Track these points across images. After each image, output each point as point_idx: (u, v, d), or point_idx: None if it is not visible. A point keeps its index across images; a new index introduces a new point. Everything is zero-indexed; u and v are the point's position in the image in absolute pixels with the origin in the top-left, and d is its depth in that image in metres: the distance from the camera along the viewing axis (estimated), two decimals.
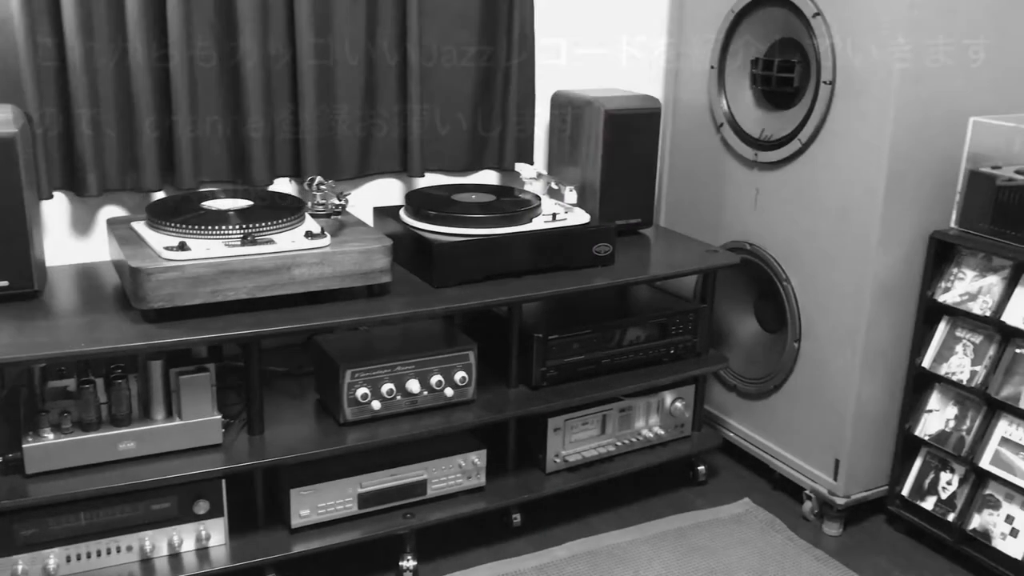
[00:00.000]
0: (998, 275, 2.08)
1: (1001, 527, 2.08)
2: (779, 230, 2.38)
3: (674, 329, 2.38)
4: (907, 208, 2.14)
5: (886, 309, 2.20)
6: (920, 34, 2.01)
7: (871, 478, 2.34)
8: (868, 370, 2.23)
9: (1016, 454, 2.04)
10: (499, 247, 2.12)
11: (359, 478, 2.02)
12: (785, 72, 2.28)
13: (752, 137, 2.41)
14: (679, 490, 2.51)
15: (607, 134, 2.37)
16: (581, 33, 2.64)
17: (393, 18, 2.32)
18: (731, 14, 2.41)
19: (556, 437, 2.26)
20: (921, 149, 2.11)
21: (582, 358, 2.25)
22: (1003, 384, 2.05)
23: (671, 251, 2.44)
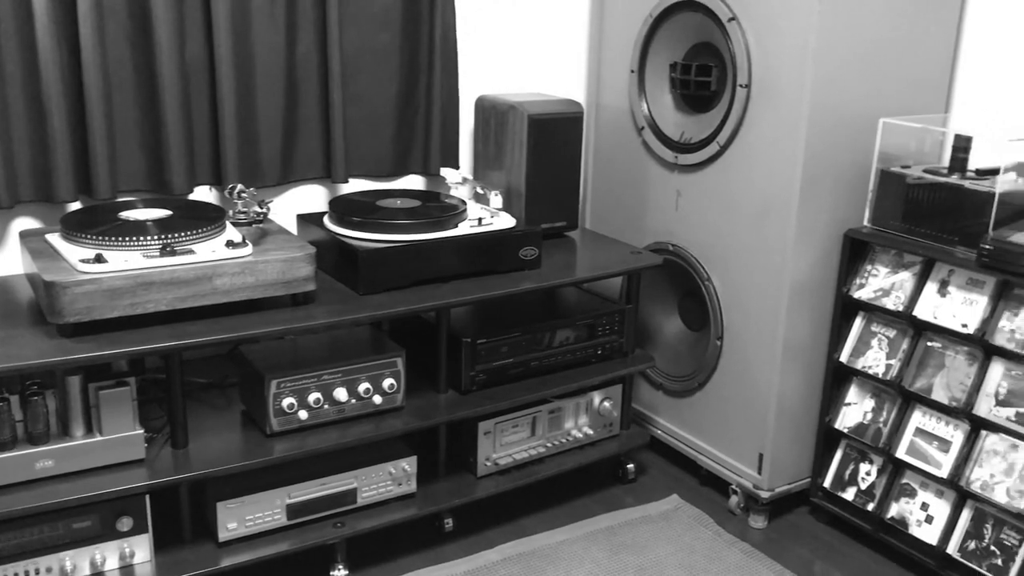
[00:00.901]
0: (909, 271, 2.15)
1: (917, 514, 2.15)
2: (700, 231, 2.42)
3: (601, 330, 2.41)
4: (822, 207, 2.20)
5: (804, 306, 2.26)
6: (831, 38, 2.07)
7: (794, 471, 2.40)
8: (788, 365, 2.28)
9: (930, 444, 2.11)
10: (425, 253, 2.12)
11: (287, 489, 2.00)
12: (703, 76, 2.33)
13: (672, 140, 2.45)
14: (609, 488, 2.54)
15: (531, 138, 2.38)
16: (504, 37, 2.65)
17: (313, 22, 2.30)
18: (650, 19, 2.45)
19: (487, 440, 2.27)
20: (834, 150, 2.17)
21: (511, 361, 2.26)
22: (916, 376, 2.13)
23: (596, 253, 2.47)
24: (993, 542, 2.01)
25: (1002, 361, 1.99)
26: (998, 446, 1.99)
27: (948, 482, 2.07)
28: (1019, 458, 1.96)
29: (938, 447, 2.10)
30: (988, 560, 2.01)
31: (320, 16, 2.29)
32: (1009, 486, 1.96)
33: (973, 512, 2.06)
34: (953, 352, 2.07)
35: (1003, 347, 1.96)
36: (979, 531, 2.04)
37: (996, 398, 1.98)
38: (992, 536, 2.01)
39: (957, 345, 2.06)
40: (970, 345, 2.04)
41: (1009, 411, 1.96)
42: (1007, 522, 1.99)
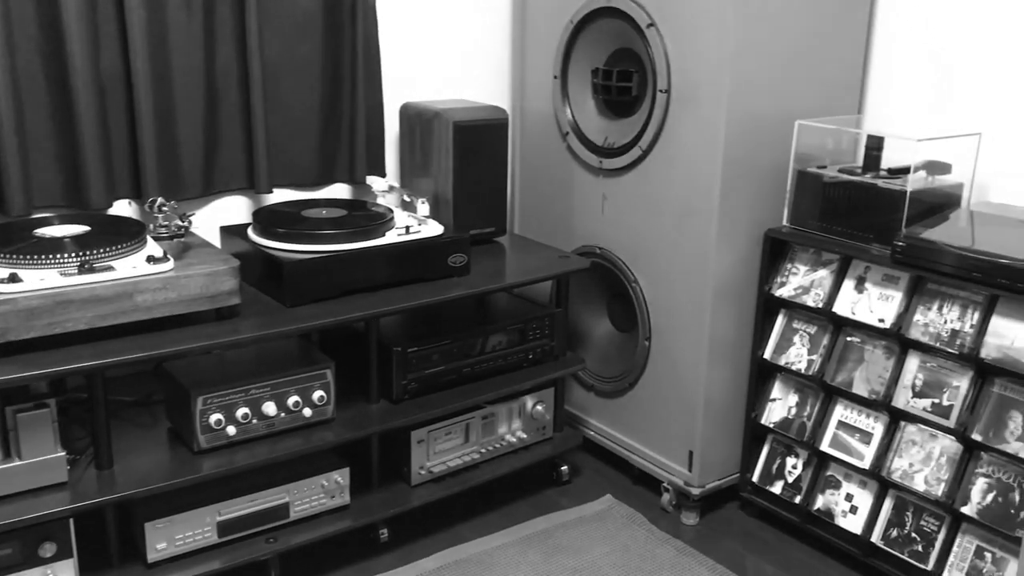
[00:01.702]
0: (827, 269, 2.21)
1: (842, 505, 2.21)
2: (626, 233, 2.46)
3: (532, 334, 2.42)
4: (742, 208, 2.25)
5: (728, 305, 2.31)
6: (746, 43, 2.12)
7: (723, 467, 2.45)
8: (714, 363, 2.33)
9: (852, 436, 2.18)
10: (353, 262, 2.11)
11: (217, 506, 1.97)
12: (624, 81, 2.36)
13: (596, 145, 2.48)
14: (544, 491, 2.56)
15: (456, 145, 2.39)
16: (428, 45, 2.65)
17: (232, 31, 2.27)
18: (571, 25, 2.47)
19: (420, 449, 2.26)
20: (753, 152, 2.22)
21: (442, 369, 2.26)
22: (837, 371, 2.19)
23: (525, 258, 2.48)
24: (914, 529, 2.08)
25: (917, 354, 2.06)
26: (916, 436, 2.06)
27: (870, 473, 2.13)
28: (936, 447, 2.02)
29: (860, 439, 2.16)
30: (910, 547, 2.08)
31: (239, 25, 2.26)
32: (927, 474, 2.03)
33: (895, 501, 2.12)
34: (871, 346, 2.13)
35: (918, 340, 2.02)
36: (901, 519, 2.10)
37: (913, 390, 2.05)
38: (913, 523, 2.08)
39: (875, 340, 2.13)
40: (887, 339, 2.10)
41: (926, 402, 2.02)
42: (926, 509, 2.06)
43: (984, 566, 1.96)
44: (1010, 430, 1.89)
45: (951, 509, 1.99)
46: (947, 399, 1.99)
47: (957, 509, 1.97)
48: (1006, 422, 1.90)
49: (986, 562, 1.96)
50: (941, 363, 2.01)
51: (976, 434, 1.93)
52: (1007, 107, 2.20)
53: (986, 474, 1.94)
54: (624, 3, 2.30)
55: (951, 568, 2.01)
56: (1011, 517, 1.89)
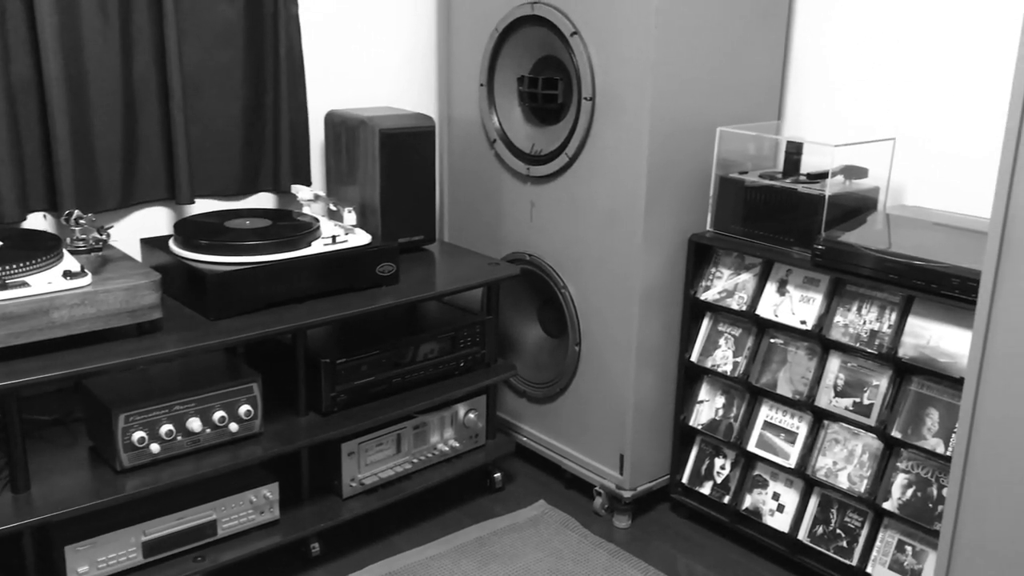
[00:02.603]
0: (750, 272, 2.26)
1: (770, 504, 2.25)
2: (554, 240, 2.47)
3: (462, 342, 2.42)
4: (667, 214, 2.28)
5: (655, 309, 2.34)
6: (668, 52, 2.15)
7: (654, 469, 2.48)
8: (643, 367, 2.35)
9: (777, 436, 2.22)
10: (278, 274, 2.08)
11: (142, 526, 1.92)
12: (549, 89, 2.37)
13: (523, 152, 2.49)
14: (477, 499, 2.56)
15: (383, 153, 2.37)
16: (353, 52, 2.63)
17: (150, 39, 2.22)
18: (496, 33, 2.48)
19: (351, 461, 2.24)
20: (676, 158, 2.26)
21: (372, 379, 2.24)
22: (762, 372, 2.23)
23: (455, 266, 2.48)
24: (839, 526, 2.13)
25: (838, 354, 2.11)
26: (839, 435, 2.11)
27: (796, 472, 2.18)
28: (858, 445, 2.08)
29: (785, 439, 2.20)
30: (835, 543, 2.12)
31: (157, 33, 2.21)
32: (850, 472, 2.08)
33: (820, 499, 2.17)
34: (794, 348, 2.18)
35: (838, 341, 2.08)
36: (826, 516, 2.15)
37: (835, 389, 2.10)
38: (837, 520, 2.13)
39: (797, 341, 2.18)
40: (809, 340, 2.15)
41: (847, 401, 2.08)
42: (850, 506, 2.11)
43: (905, 559, 2.02)
44: (927, 427, 1.95)
45: (873, 505, 2.04)
46: (867, 398, 2.04)
47: (879, 505, 2.02)
48: (924, 419, 1.95)
49: (907, 555, 2.01)
50: (861, 363, 2.07)
51: (896, 431, 1.99)
52: (920, 113, 2.27)
53: (906, 470, 2.00)
54: (548, 12, 2.31)
55: (874, 562, 2.06)
56: (930, 511, 1.95)
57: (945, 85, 2.22)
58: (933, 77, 2.24)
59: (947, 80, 2.21)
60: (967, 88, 2.18)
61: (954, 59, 2.19)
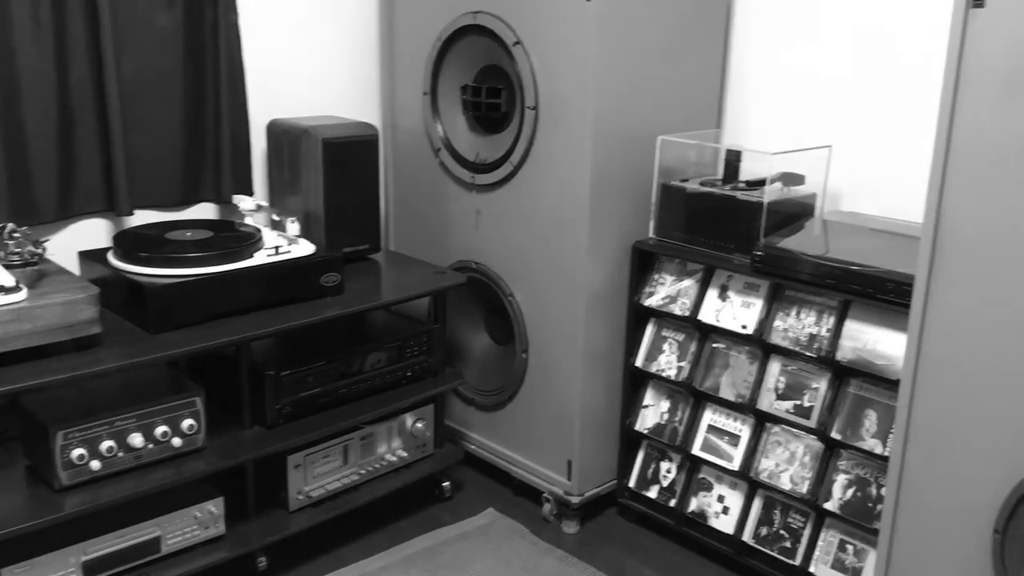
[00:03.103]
0: (692, 278, 2.29)
1: (715, 507, 2.29)
2: (501, 248, 2.48)
3: (409, 352, 2.41)
4: (611, 221, 2.31)
5: (600, 315, 2.36)
6: (609, 62, 2.17)
7: (601, 474, 2.49)
8: (589, 373, 2.37)
9: (721, 439, 2.25)
10: (220, 285, 2.05)
11: (82, 545, 1.88)
12: (493, 98, 2.38)
13: (468, 160, 2.49)
14: (426, 508, 2.55)
15: (326, 162, 2.36)
16: (295, 61, 2.61)
17: (86, 48, 2.18)
18: (439, 42, 2.48)
19: (297, 474, 2.22)
20: (619, 166, 2.28)
21: (318, 390, 2.23)
22: (705, 376, 2.26)
23: (401, 275, 2.47)
24: (782, 526, 2.16)
25: (779, 358, 2.15)
26: (780, 437, 2.15)
27: (739, 474, 2.21)
28: (799, 447, 2.12)
29: (728, 441, 2.24)
30: (779, 544, 2.16)
31: (93, 42, 2.17)
32: (792, 473, 2.12)
33: (763, 500, 2.21)
34: (736, 352, 2.22)
35: (779, 345, 2.11)
36: (769, 517, 2.19)
37: (776, 392, 2.14)
38: (781, 521, 2.17)
39: (739, 345, 2.21)
40: (750, 345, 2.19)
41: (788, 403, 2.12)
42: (793, 507, 2.15)
43: (847, 558, 2.06)
44: (866, 427, 1.99)
45: (815, 505, 2.08)
46: (808, 400, 2.08)
47: (820, 505, 2.07)
48: (862, 420, 2.00)
49: (848, 554, 2.06)
50: (801, 366, 2.11)
51: (835, 433, 2.03)
52: (855, 121, 2.32)
53: (846, 470, 2.04)
54: (491, 21, 2.32)
55: (817, 562, 2.10)
56: (869, 511, 2.00)
57: (879, 94, 2.28)
58: (867, 86, 2.29)
59: (881, 89, 2.27)
60: (900, 97, 2.24)
61: (887, 69, 2.25)
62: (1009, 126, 1.50)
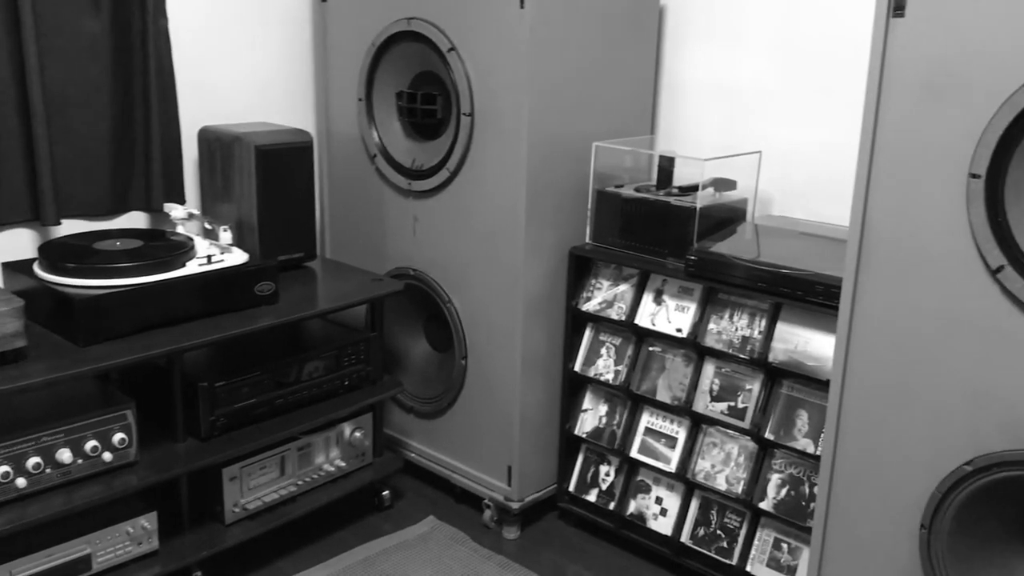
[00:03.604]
0: (628, 283, 2.31)
1: (653, 508, 2.31)
2: (438, 254, 2.47)
3: (347, 360, 2.39)
4: (547, 227, 2.32)
5: (539, 320, 2.37)
6: (543, 69, 2.18)
7: (541, 479, 2.50)
8: (528, 379, 2.38)
9: (658, 441, 2.28)
10: (151, 296, 2.01)
11: (7, 566, 1.83)
12: (428, 104, 2.38)
13: (404, 167, 2.48)
14: (366, 518, 2.53)
15: (259, 170, 2.33)
16: (227, 67, 2.57)
17: (9, 54, 2.12)
18: (373, 48, 2.47)
19: (233, 486, 2.18)
20: (555, 172, 2.29)
21: (254, 401, 2.20)
22: (642, 380, 2.28)
23: (338, 283, 2.45)
24: (719, 527, 2.20)
25: (713, 361, 2.18)
26: (716, 438, 2.18)
27: (676, 476, 2.24)
28: (734, 448, 2.15)
29: (666, 444, 2.26)
30: (716, 544, 2.19)
31: (15, 48, 2.12)
32: (728, 474, 2.15)
33: (700, 501, 2.24)
34: (672, 355, 2.24)
35: (713, 347, 2.15)
36: (706, 518, 2.22)
37: (711, 394, 2.17)
38: (717, 521, 2.20)
39: (675, 348, 2.24)
40: (685, 348, 2.22)
41: (722, 405, 2.15)
42: (729, 507, 2.19)
43: (782, 556, 2.10)
44: (798, 427, 2.03)
45: (750, 505, 2.12)
46: (741, 401, 2.12)
47: (756, 505, 2.10)
48: (794, 420, 2.04)
49: (784, 552, 2.10)
50: (735, 368, 2.14)
51: (769, 433, 2.07)
52: (784, 126, 2.37)
53: (779, 470, 2.08)
54: (425, 28, 2.32)
55: (753, 561, 2.14)
56: (803, 509, 2.03)
57: (806, 100, 2.33)
58: (795, 93, 2.34)
59: (808, 95, 2.32)
60: (827, 103, 2.29)
61: (814, 76, 2.31)
62: (929, 131, 1.55)
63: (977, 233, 1.52)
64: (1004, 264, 1.50)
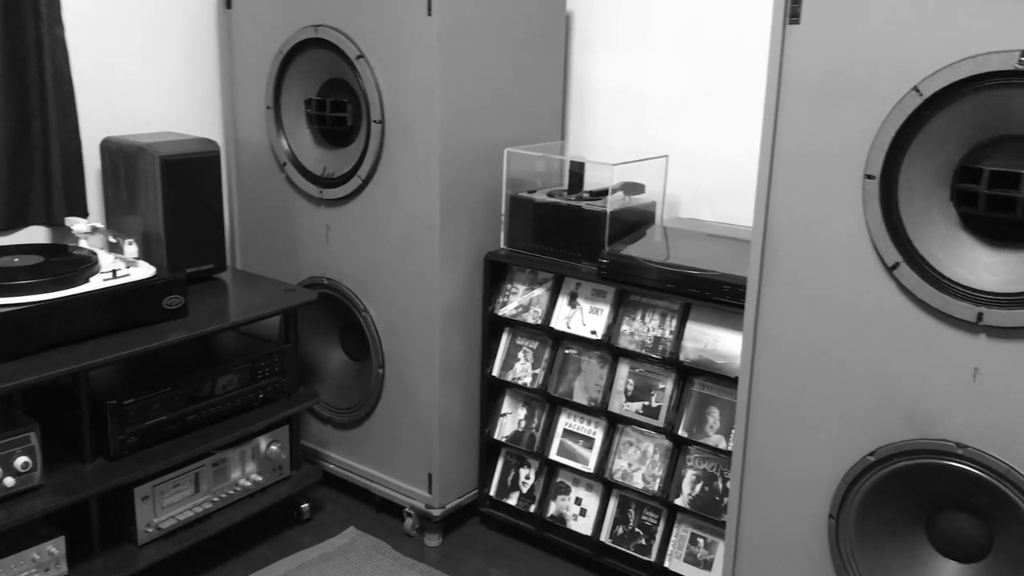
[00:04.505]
0: (543, 287, 2.33)
1: (573, 509, 2.34)
2: (352, 263, 2.46)
3: (261, 373, 2.36)
4: (462, 233, 2.32)
5: (456, 327, 2.37)
6: (453, 76, 2.19)
7: (462, 485, 2.51)
8: (447, 385, 2.38)
9: (576, 443, 2.30)
10: (54, 313, 1.95)
11: None
12: (338, 112, 2.36)
13: (315, 175, 2.46)
14: (285, 532, 2.49)
15: (165, 181, 2.28)
16: (130, 76, 2.51)
17: None
18: (280, 55, 2.44)
19: (145, 506, 2.13)
20: (468, 179, 2.30)
21: (165, 418, 2.15)
22: (559, 382, 2.31)
23: (249, 294, 2.41)
24: (637, 524, 2.23)
25: (627, 361, 2.22)
26: (632, 437, 2.22)
27: (595, 476, 2.27)
28: (650, 446, 2.19)
29: (583, 445, 2.29)
30: (635, 541, 2.23)
31: None
32: (644, 472, 2.19)
33: (618, 500, 2.27)
34: (587, 357, 2.27)
35: (626, 348, 2.18)
36: (625, 516, 2.25)
37: (626, 394, 2.21)
38: (635, 519, 2.24)
39: (590, 350, 2.27)
40: (600, 350, 2.25)
41: (637, 405, 2.19)
42: (646, 504, 2.22)
43: (698, 551, 2.14)
44: (710, 424, 2.08)
45: (667, 502, 2.16)
46: (655, 401, 2.16)
47: (672, 501, 2.14)
48: (706, 417, 2.09)
49: (700, 547, 2.14)
50: (648, 368, 2.18)
51: (682, 431, 2.11)
52: (689, 130, 2.43)
53: (693, 466, 2.13)
54: (332, 35, 2.30)
55: (671, 556, 2.18)
56: (717, 504, 2.08)
57: (711, 105, 2.39)
58: (700, 97, 2.40)
59: (712, 100, 2.38)
60: (730, 107, 2.35)
61: (717, 80, 2.37)
62: (826, 134, 1.61)
63: (873, 232, 1.58)
64: (899, 261, 1.56)
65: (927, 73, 1.48)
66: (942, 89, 1.47)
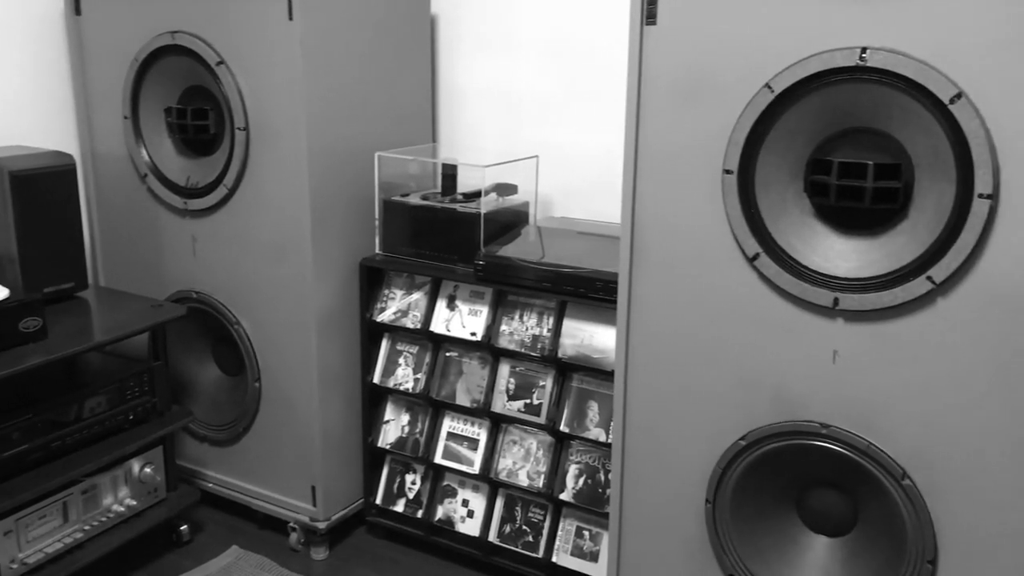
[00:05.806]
0: (421, 291, 2.33)
1: (460, 512, 2.34)
2: (222, 275, 2.39)
3: (130, 393, 2.27)
4: (335, 239, 2.29)
5: (333, 335, 2.33)
6: (318, 80, 2.15)
7: (347, 495, 2.47)
8: (327, 395, 2.34)
9: (461, 445, 2.31)
10: None
11: None
12: (199, 120, 2.29)
13: (179, 185, 2.38)
14: (164, 556, 2.41)
15: (16, 198, 2.16)
16: None
17: None
18: (136, 63, 2.35)
19: (9, 541, 2.02)
20: (339, 184, 2.27)
21: (27, 447, 2.04)
22: (441, 386, 2.30)
23: (114, 312, 2.31)
24: (524, 522, 2.25)
25: (507, 361, 2.23)
26: (516, 436, 2.24)
27: (480, 477, 2.27)
28: (533, 443, 2.21)
29: (468, 446, 2.29)
30: (522, 539, 2.25)
31: None
32: (528, 470, 2.21)
33: (505, 499, 2.28)
34: (468, 359, 2.28)
35: (506, 348, 2.20)
36: (511, 515, 2.27)
37: (508, 394, 2.22)
38: (522, 517, 2.25)
39: (471, 352, 2.28)
40: (480, 351, 2.26)
41: (519, 403, 2.20)
42: (532, 502, 2.24)
43: (584, 543, 2.18)
44: (589, 418, 2.11)
45: (552, 498, 2.19)
46: (536, 398, 2.18)
47: (556, 497, 2.17)
48: (586, 412, 2.12)
49: (586, 540, 2.18)
50: (528, 366, 2.20)
51: (563, 426, 2.14)
52: (558, 130, 2.46)
53: (576, 461, 2.16)
54: (191, 41, 2.23)
55: (558, 551, 2.20)
56: (600, 496, 2.12)
57: (577, 104, 2.43)
58: (566, 97, 2.44)
59: (578, 100, 2.42)
60: (596, 107, 2.40)
61: (583, 80, 2.41)
62: (686, 131, 1.66)
63: (734, 224, 1.64)
64: (759, 252, 1.62)
65: (778, 70, 1.55)
66: (792, 85, 1.54)
